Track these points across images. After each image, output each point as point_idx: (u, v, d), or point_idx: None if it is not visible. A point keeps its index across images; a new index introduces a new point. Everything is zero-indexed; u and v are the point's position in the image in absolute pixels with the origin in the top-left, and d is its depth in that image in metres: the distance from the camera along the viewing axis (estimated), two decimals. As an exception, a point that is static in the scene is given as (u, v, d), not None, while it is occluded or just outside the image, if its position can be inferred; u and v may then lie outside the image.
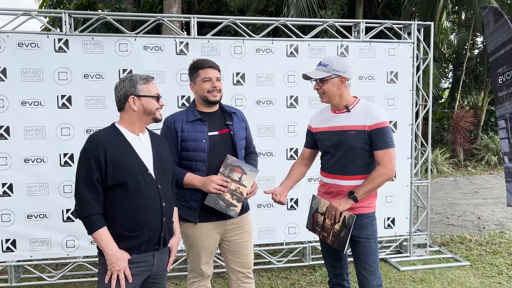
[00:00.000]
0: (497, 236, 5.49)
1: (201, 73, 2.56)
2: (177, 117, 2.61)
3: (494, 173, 10.31)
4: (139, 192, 2.07)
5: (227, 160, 2.53)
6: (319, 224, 2.66)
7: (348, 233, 2.49)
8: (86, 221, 2.01)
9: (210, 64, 2.58)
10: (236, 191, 2.55)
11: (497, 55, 4.47)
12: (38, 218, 3.88)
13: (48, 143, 3.82)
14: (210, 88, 2.54)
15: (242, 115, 2.81)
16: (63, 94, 3.82)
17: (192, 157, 2.55)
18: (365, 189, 2.48)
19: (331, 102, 2.60)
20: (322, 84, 2.55)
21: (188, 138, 2.54)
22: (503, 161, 4.37)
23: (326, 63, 2.54)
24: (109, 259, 2.02)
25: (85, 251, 4.01)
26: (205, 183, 2.49)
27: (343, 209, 2.47)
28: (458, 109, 11.83)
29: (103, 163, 2.01)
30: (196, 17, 4.06)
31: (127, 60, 3.91)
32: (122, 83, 2.17)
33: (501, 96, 4.48)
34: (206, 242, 2.62)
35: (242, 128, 2.72)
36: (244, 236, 2.71)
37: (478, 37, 14.55)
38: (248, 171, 2.56)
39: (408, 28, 4.60)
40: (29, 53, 3.73)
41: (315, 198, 2.72)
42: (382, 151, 2.47)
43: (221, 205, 2.53)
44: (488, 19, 4.54)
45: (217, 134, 2.60)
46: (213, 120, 2.62)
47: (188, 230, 2.60)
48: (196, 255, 2.65)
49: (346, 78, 2.54)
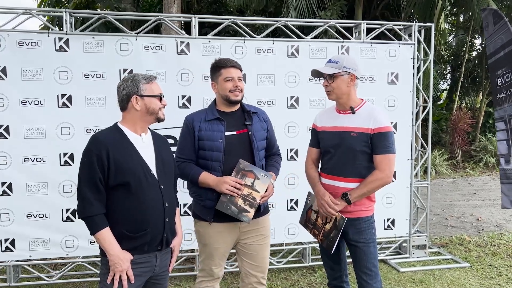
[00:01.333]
0: (496, 237, 5.50)
1: (223, 72, 2.53)
2: (196, 116, 2.60)
3: (492, 175, 10.34)
4: (141, 192, 2.06)
5: (239, 164, 2.48)
6: (311, 221, 2.68)
7: (338, 234, 2.48)
8: (89, 221, 2.00)
9: (233, 63, 2.56)
10: (249, 196, 2.48)
11: (496, 57, 4.48)
12: (37, 217, 3.86)
13: (48, 142, 3.80)
14: (232, 87, 2.52)
15: (264, 115, 2.75)
16: (63, 94, 3.80)
17: (208, 157, 2.53)
18: (359, 192, 2.46)
19: (338, 101, 2.58)
20: (331, 81, 2.52)
21: (204, 137, 2.52)
22: (499, 163, 4.37)
23: (336, 60, 2.52)
24: (112, 260, 2.01)
25: (85, 251, 3.99)
26: (219, 183, 2.46)
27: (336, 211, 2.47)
28: (456, 111, 11.85)
29: (105, 163, 2.00)
30: (197, 17, 4.05)
31: (128, 59, 3.89)
32: (124, 83, 2.16)
33: (500, 98, 4.48)
34: (219, 243, 2.59)
35: (262, 129, 2.67)
36: (259, 240, 2.66)
37: (476, 38, 14.59)
38: (261, 176, 2.50)
39: (409, 30, 4.60)
40: (29, 52, 3.71)
41: (310, 195, 2.74)
42: (381, 156, 2.44)
43: (233, 210, 2.48)
44: (487, 21, 4.54)
45: (235, 134, 2.56)
46: (232, 120, 2.58)
47: (201, 228, 2.59)
48: (208, 255, 2.63)
49: (356, 76, 2.54)
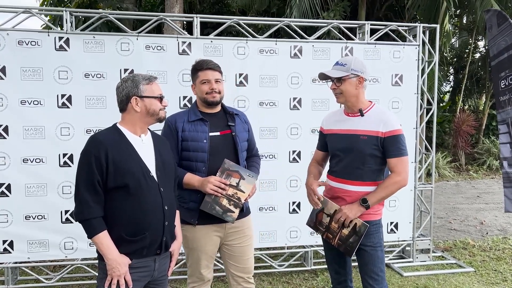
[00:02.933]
0: (500, 242, 5.43)
1: (200, 75, 2.54)
2: (178, 117, 2.58)
3: (496, 178, 10.26)
4: (141, 195, 2.01)
5: (224, 164, 2.47)
6: (323, 224, 2.58)
7: (358, 240, 2.44)
8: (86, 224, 1.95)
9: (209, 65, 2.54)
10: (234, 196, 2.48)
11: (500, 59, 4.40)
12: (36, 219, 3.81)
13: (48, 143, 3.76)
14: (208, 90, 2.52)
15: (245, 117, 2.77)
16: (63, 94, 3.76)
17: (193, 157, 2.51)
18: (378, 197, 2.43)
19: (347, 103, 2.54)
20: (339, 84, 2.48)
21: (188, 138, 2.50)
22: (502, 166, 4.30)
23: (344, 63, 2.49)
24: (109, 264, 1.95)
25: (84, 253, 3.94)
26: (203, 184, 2.44)
27: (354, 217, 2.42)
28: (460, 113, 11.77)
29: (104, 164, 1.94)
30: (199, 17, 4.00)
31: (129, 59, 3.85)
32: (124, 83, 2.11)
33: (503, 100, 4.40)
34: (206, 246, 2.56)
35: (244, 130, 2.68)
36: (244, 241, 2.66)
37: (480, 40, 14.51)
38: (246, 176, 2.49)
39: (413, 31, 4.54)
40: (29, 51, 3.67)
41: (322, 198, 2.61)
42: (396, 159, 2.42)
43: (217, 210, 2.47)
44: (491, 23, 4.47)
45: (219, 134, 2.56)
46: (215, 121, 2.58)
47: (187, 233, 2.54)
48: (195, 259, 2.59)
49: (364, 78, 2.50)
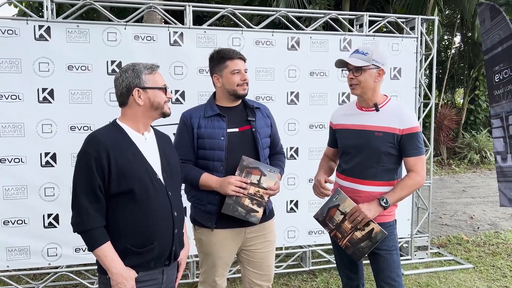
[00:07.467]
0: (493, 236, 5.41)
1: (229, 65, 2.30)
2: (194, 112, 2.36)
3: (478, 172, 10.36)
4: (147, 200, 1.78)
5: (243, 162, 2.26)
6: (334, 221, 2.36)
7: (372, 247, 2.27)
8: (87, 235, 1.70)
9: (239, 55, 2.34)
10: (256, 195, 2.28)
11: (493, 53, 4.34)
12: (15, 224, 3.50)
13: (27, 141, 3.44)
14: (240, 81, 2.30)
15: (267, 111, 2.54)
16: (44, 87, 3.45)
17: (209, 156, 2.30)
18: (397, 197, 2.26)
19: (363, 96, 2.35)
20: (358, 74, 2.28)
21: (205, 135, 2.29)
22: (496, 161, 4.25)
23: (365, 52, 2.29)
24: (114, 279, 1.71)
25: (68, 260, 3.65)
26: (222, 185, 2.23)
27: (372, 217, 2.24)
28: (442, 108, 11.85)
29: (106, 167, 1.70)
30: (191, 5, 3.74)
31: (116, 50, 3.57)
32: (124, 74, 1.87)
33: (497, 94, 4.34)
34: (223, 252, 2.36)
35: (266, 125, 2.46)
36: (266, 246, 2.45)
37: (455, 36, 14.65)
38: (267, 171, 2.29)
39: (411, 23, 4.42)
40: (5, 41, 3.34)
41: (339, 194, 2.35)
42: (415, 158, 2.27)
43: (240, 212, 2.26)
44: (483, 16, 4.38)
45: (237, 131, 2.34)
46: (234, 116, 2.36)
47: (203, 236, 2.34)
48: (210, 265, 2.39)
49: (384, 71, 2.32)
